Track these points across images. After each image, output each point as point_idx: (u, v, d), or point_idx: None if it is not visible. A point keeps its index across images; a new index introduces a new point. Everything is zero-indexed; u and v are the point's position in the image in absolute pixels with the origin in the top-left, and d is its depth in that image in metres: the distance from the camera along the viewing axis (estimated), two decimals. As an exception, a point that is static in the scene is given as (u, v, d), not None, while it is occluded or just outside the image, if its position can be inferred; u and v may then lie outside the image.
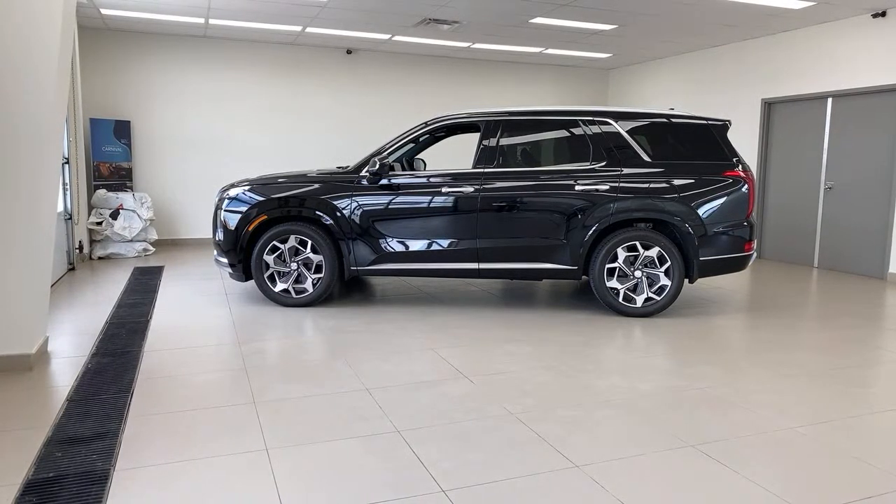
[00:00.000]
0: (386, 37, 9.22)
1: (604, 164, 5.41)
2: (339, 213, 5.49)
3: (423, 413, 3.33)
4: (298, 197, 5.51)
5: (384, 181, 5.51)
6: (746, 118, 9.24)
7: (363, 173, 5.55)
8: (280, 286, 5.61)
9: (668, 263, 5.35)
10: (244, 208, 5.56)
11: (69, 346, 4.43)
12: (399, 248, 5.51)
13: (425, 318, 5.35)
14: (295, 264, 5.59)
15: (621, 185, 5.33)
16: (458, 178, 5.46)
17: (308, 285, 5.60)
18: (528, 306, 5.85)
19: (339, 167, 6.01)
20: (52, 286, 6.26)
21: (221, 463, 2.75)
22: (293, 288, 5.62)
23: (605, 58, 10.67)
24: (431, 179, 5.49)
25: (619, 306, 5.44)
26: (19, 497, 2.44)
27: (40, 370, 3.92)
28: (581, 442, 3.01)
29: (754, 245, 5.52)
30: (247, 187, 5.63)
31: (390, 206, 5.48)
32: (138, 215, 8.46)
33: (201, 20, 8.36)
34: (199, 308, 5.59)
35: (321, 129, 10.28)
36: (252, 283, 6.52)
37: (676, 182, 5.33)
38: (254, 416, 3.25)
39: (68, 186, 7.37)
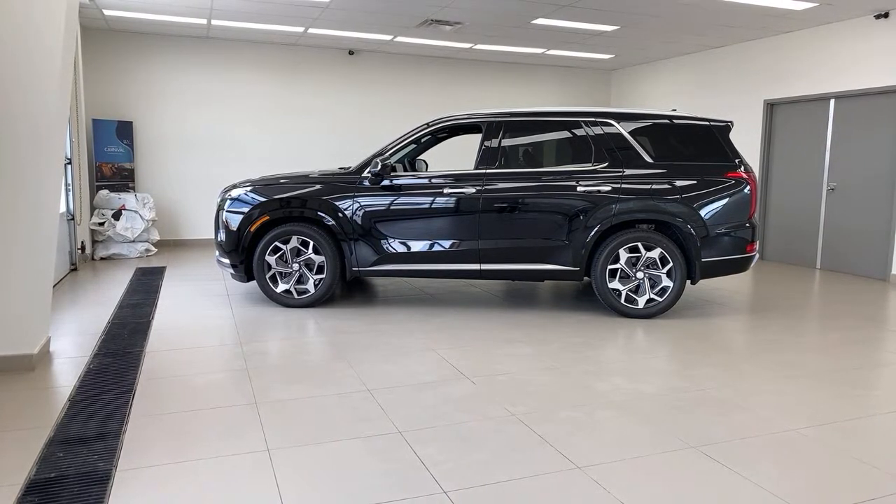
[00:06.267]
0: (388, 38, 9.22)
1: (606, 165, 5.40)
2: (340, 214, 5.49)
3: (425, 414, 3.33)
4: (300, 198, 5.51)
5: (386, 182, 5.51)
6: (749, 119, 9.23)
7: (365, 174, 5.55)
8: (282, 287, 5.61)
9: (670, 264, 5.34)
10: (246, 209, 5.56)
11: (71, 346, 4.44)
12: (401, 248, 5.51)
13: (427, 319, 5.35)
14: (297, 265, 5.59)
15: (623, 186, 5.33)
16: (459, 178, 5.46)
17: (310, 286, 5.60)
18: (530, 307, 5.85)
19: (340, 168, 6.01)
20: (54, 286, 6.27)
21: (223, 463, 2.75)
22: (295, 289, 5.62)
23: (608, 59, 10.67)
24: (433, 180, 5.49)
25: (620, 307, 5.44)
26: (21, 497, 2.44)
27: (42, 370, 3.93)
28: (582, 443, 3.01)
29: (756, 246, 5.52)
30: (249, 188, 5.63)
31: (392, 207, 5.48)
32: (140, 216, 8.47)
33: (203, 21, 8.38)
34: (200, 309, 5.60)
35: (323, 129, 10.29)
36: (254, 283, 6.53)
37: (678, 183, 5.32)
38: (255, 417, 3.25)
39: (70, 187, 7.38)
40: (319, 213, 5.49)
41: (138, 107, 9.31)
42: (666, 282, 5.38)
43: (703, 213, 5.30)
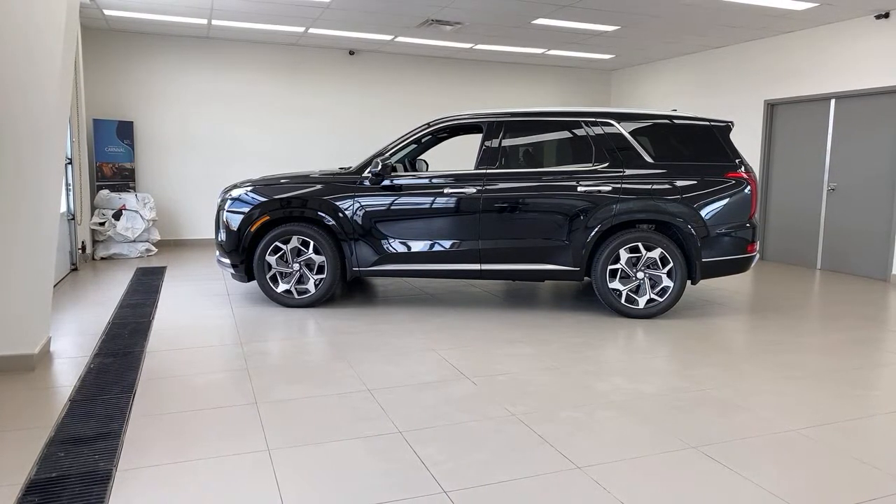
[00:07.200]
0: (388, 38, 9.23)
1: (606, 165, 5.40)
2: (341, 214, 5.49)
3: (425, 414, 3.33)
4: (301, 198, 5.51)
5: (386, 182, 5.51)
6: (749, 119, 9.23)
7: (365, 174, 5.55)
8: (282, 287, 5.61)
9: (671, 265, 5.34)
10: (246, 209, 5.56)
11: (71, 346, 4.44)
12: (401, 248, 5.51)
13: (427, 319, 5.35)
14: (297, 265, 5.59)
15: (623, 186, 5.33)
16: (460, 178, 5.46)
17: (310, 286, 5.61)
18: (530, 307, 5.85)
19: (341, 168, 6.01)
20: (54, 286, 6.27)
21: (224, 463, 2.75)
22: (295, 289, 5.62)
23: (608, 59, 10.67)
24: (434, 180, 5.49)
25: (621, 307, 5.43)
26: (21, 497, 2.44)
27: (43, 370, 3.93)
28: (583, 443, 3.01)
29: (757, 246, 5.52)
30: (249, 188, 5.64)
31: (392, 207, 5.48)
32: (141, 216, 8.47)
33: (204, 21, 8.38)
34: (201, 309, 5.60)
35: (323, 129, 10.29)
36: (254, 283, 6.53)
37: (679, 183, 5.32)
38: (256, 417, 3.25)
39: (71, 187, 7.39)
40: (320, 213, 5.49)
41: (139, 107, 9.32)
42: (666, 282, 5.38)
43: (703, 213, 5.30)
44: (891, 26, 7.37)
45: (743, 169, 5.41)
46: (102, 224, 8.35)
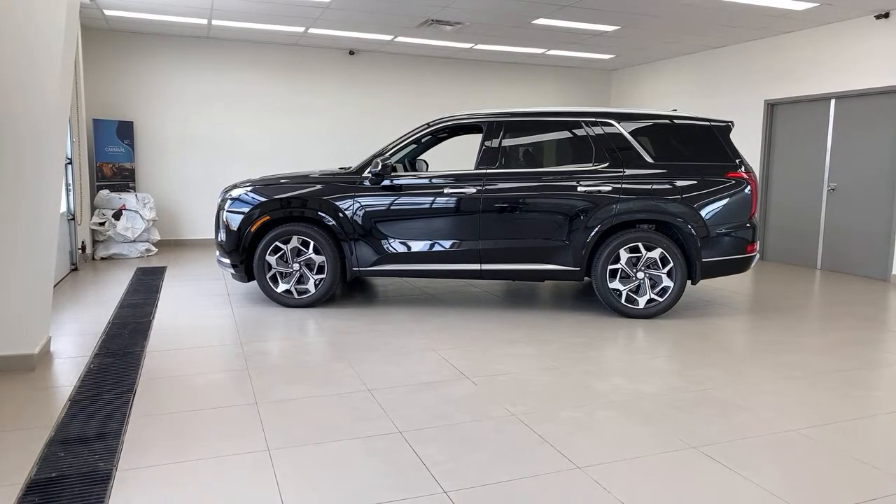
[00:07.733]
0: (388, 38, 9.23)
1: (606, 165, 5.40)
2: (341, 214, 5.49)
3: (425, 414, 3.33)
4: (301, 198, 5.51)
5: (386, 182, 5.51)
6: (749, 119, 9.23)
7: (365, 174, 5.55)
8: (282, 287, 5.61)
9: (671, 265, 5.34)
10: (246, 209, 5.56)
11: (71, 346, 4.44)
12: (401, 248, 5.51)
13: (427, 319, 5.35)
14: (297, 265, 5.59)
15: (624, 186, 5.33)
16: (460, 178, 5.46)
17: (310, 286, 5.61)
18: (530, 307, 5.85)
19: (341, 168, 6.01)
20: (54, 286, 6.27)
21: (224, 463, 2.75)
22: (295, 289, 5.62)
23: (608, 59, 10.67)
24: (434, 180, 5.49)
25: (621, 307, 5.43)
26: (21, 497, 2.44)
27: (43, 370, 3.93)
28: (583, 443, 3.01)
29: (757, 246, 5.52)
30: (249, 188, 5.64)
31: (392, 207, 5.48)
32: (141, 216, 8.47)
33: (204, 21, 8.38)
34: (201, 309, 5.60)
35: (323, 129, 10.29)
36: (254, 283, 6.53)
37: (679, 183, 5.32)
38: (256, 417, 3.25)
39: (71, 187, 7.39)
40: (320, 213, 5.49)
41: (139, 107, 9.32)
42: (666, 282, 5.38)
43: (703, 213, 5.30)
44: (891, 26, 7.37)
45: (743, 169, 5.41)
46: (102, 224, 8.35)
